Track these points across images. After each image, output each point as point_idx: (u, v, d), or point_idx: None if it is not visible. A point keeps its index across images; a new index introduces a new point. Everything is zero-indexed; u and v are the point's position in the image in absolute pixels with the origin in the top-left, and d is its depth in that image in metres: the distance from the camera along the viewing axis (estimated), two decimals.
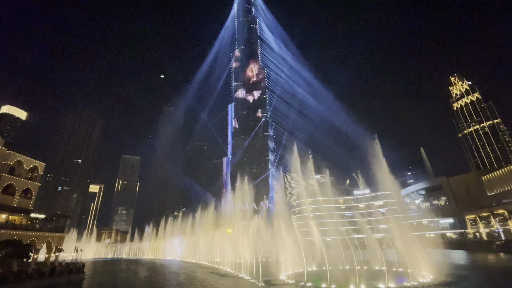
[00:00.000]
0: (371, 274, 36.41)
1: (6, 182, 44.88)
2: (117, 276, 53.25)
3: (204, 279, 43.24)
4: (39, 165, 51.60)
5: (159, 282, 42.77)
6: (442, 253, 76.47)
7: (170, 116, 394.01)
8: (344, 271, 40.08)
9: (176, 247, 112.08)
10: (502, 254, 67.31)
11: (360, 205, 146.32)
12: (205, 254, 79.41)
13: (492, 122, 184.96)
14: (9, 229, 41.97)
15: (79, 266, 46.52)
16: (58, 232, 50.19)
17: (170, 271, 59.23)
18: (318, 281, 32.75)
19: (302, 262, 41.44)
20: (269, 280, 36.54)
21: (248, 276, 41.20)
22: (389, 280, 30.67)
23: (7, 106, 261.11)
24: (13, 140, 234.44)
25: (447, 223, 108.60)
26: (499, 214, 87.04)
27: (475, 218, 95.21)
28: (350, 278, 32.31)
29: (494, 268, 47.12)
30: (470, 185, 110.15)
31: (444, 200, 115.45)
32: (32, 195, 49.76)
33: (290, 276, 38.25)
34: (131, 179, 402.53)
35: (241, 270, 46.81)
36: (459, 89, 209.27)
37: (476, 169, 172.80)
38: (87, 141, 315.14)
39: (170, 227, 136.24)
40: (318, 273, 39.49)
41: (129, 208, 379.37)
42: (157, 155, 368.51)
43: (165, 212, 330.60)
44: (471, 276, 37.17)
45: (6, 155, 46.01)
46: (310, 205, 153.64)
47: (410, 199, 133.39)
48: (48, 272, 39.42)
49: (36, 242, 44.46)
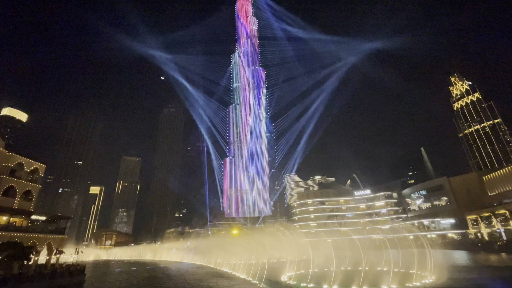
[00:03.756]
0: (374, 275, 36.27)
1: (7, 184, 44.89)
2: (118, 278, 53.14)
3: (203, 279, 43.12)
4: (40, 167, 51.61)
5: (164, 283, 42.65)
6: (444, 253, 76.28)
7: (171, 117, 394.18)
8: (347, 272, 39.95)
9: (181, 250, 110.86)
10: (504, 254, 67.08)
11: (361, 206, 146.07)
12: (211, 257, 78.83)
13: (493, 122, 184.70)
14: (10, 231, 41.95)
15: (80, 268, 46.46)
16: (59, 234, 50.14)
17: (175, 273, 59.08)
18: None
19: (304, 263, 41.35)
20: (271, 282, 36.42)
21: (250, 277, 41.10)
22: (392, 281, 30.56)
23: (8, 108, 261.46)
24: (14, 142, 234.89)
25: (448, 223, 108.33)
26: (501, 214, 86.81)
27: (477, 219, 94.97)
28: (353, 279, 32.19)
29: (496, 269, 46.94)
30: (471, 185, 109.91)
31: (445, 200, 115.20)
32: (33, 197, 49.75)
33: (292, 277, 38.17)
34: (131, 180, 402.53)
35: (243, 271, 46.67)
36: (459, 89, 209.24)
37: (477, 169, 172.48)
38: (88, 143, 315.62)
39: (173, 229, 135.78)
40: (320, 274, 39.32)
41: (130, 209, 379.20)
42: (157, 156, 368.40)
43: (166, 214, 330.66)
44: (472, 277, 37.03)
45: (7, 157, 46.03)
46: (311, 206, 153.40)
47: (411, 200, 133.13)
48: (48, 274, 39.37)
49: (37, 244, 44.41)
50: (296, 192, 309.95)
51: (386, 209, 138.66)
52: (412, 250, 38.35)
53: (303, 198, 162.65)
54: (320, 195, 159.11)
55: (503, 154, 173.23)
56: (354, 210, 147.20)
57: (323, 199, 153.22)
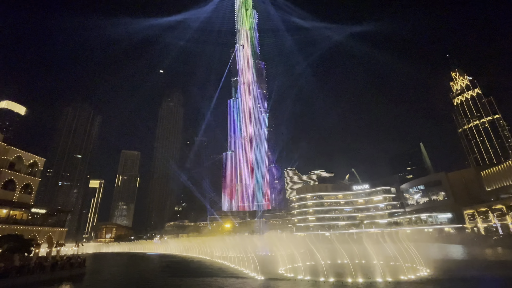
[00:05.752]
0: (369, 268, 36.81)
1: (6, 177, 45.06)
2: (118, 270, 53.80)
3: (200, 267, 43.72)
4: (39, 160, 51.74)
5: (164, 273, 43.24)
6: (440, 247, 77.21)
7: (170, 111, 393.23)
8: (342, 265, 40.52)
9: (179, 243, 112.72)
10: (499, 248, 67.89)
11: (359, 200, 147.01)
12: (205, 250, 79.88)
13: (492, 117, 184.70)
14: (10, 224, 42.29)
15: (81, 261, 46.96)
16: (59, 227, 50.57)
17: (173, 264, 59.82)
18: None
19: (299, 256, 41.90)
20: (269, 274, 36.97)
21: (248, 270, 41.67)
22: (387, 274, 31.07)
23: (6, 101, 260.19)
24: (13, 135, 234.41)
25: (445, 218, 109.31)
26: (497, 209, 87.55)
27: (473, 213, 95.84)
28: (347, 272, 32.70)
29: (491, 262, 47.60)
30: (469, 180, 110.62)
31: (443, 195, 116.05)
32: (33, 190, 50.00)
33: (288, 270, 38.79)
34: (131, 174, 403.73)
35: (241, 265, 47.26)
36: (460, 84, 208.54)
37: (475, 165, 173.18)
38: (87, 136, 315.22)
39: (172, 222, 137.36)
40: (315, 267, 39.89)
41: (130, 203, 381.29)
42: (157, 150, 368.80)
43: (166, 207, 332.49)
44: (467, 270, 37.61)
45: (6, 151, 46.09)
46: (309, 200, 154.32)
47: (409, 194, 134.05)
48: (49, 267, 39.82)
49: (37, 236, 44.84)
50: (295, 186, 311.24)
51: (384, 203, 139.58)
52: (408, 244, 38.86)
53: (302, 192, 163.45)
54: (318, 189, 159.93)
55: (502, 149, 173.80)
56: (352, 205, 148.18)
57: (322, 194, 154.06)
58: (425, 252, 37.29)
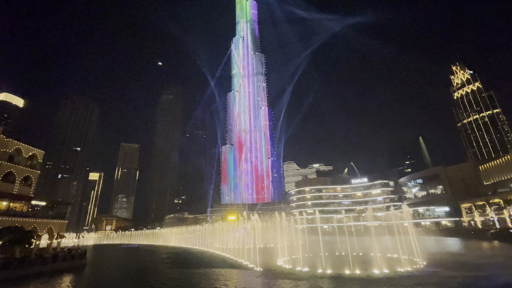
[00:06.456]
0: (367, 260, 37.30)
1: (6, 169, 45.03)
2: (118, 261, 54.41)
3: (198, 257, 44.24)
4: (38, 153, 51.66)
5: (164, 265, 43.76)
6: (437, 240, 78.17)
7: (169, 104, 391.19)
8: (340, 257, 41.03)
9: (178, 235, 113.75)
10: (496, 242, 68.71)
11: (357, 194, 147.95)
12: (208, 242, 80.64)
13: (492, 112, 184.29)
14: (10, 216, 42.50)
15: (81, 252, 47.42)
16: (60, 219, 50.88)
17: (173, 256, 60.46)
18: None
19: (298, 248, 42.38)
20: (267, 266, 37.46)
21: (247, 261, 42.18)
22: (384, 266, 31.51)
23: (4, 93, 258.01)
24: (11, 128, 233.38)
25: (442, 211, 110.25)
26: (495, 203, 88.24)
27: (471, 207, 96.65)
28: (345, 264, 33.14)
29: (487, 255, 48.21)
30: (467, 174, 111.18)
31: (441, 189, 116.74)
32: (32, 183, 50.05)
33: (286, 261, 39.29)
34: (130, 167, 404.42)
35: (242, 256, 47.81)
36: (461, 78, 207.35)
37: (474, 159, 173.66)
38: (86, 129, 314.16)
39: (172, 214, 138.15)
40: (313, 259, 40.40)
41: (129, 195, 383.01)
42: (156, 143, 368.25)
43: (165, 200, 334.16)
44: (462, 262, 38.09)
45: (5, 143, 45.94)
46: (308, 193, 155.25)
47: (407, 188, 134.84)
48: (50, 258, 40.21)
49: (37, 228, 45.12)
50: (294, 179, 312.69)
51: (382, 197, 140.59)
52: (406, 236, 39.29)
53: (301, 185, 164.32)
54: (317, 182, 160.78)
55: (501, 144, 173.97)
56: (351, 198, 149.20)
57: (321, 187, 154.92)
58: (422, 244, 37.70)
